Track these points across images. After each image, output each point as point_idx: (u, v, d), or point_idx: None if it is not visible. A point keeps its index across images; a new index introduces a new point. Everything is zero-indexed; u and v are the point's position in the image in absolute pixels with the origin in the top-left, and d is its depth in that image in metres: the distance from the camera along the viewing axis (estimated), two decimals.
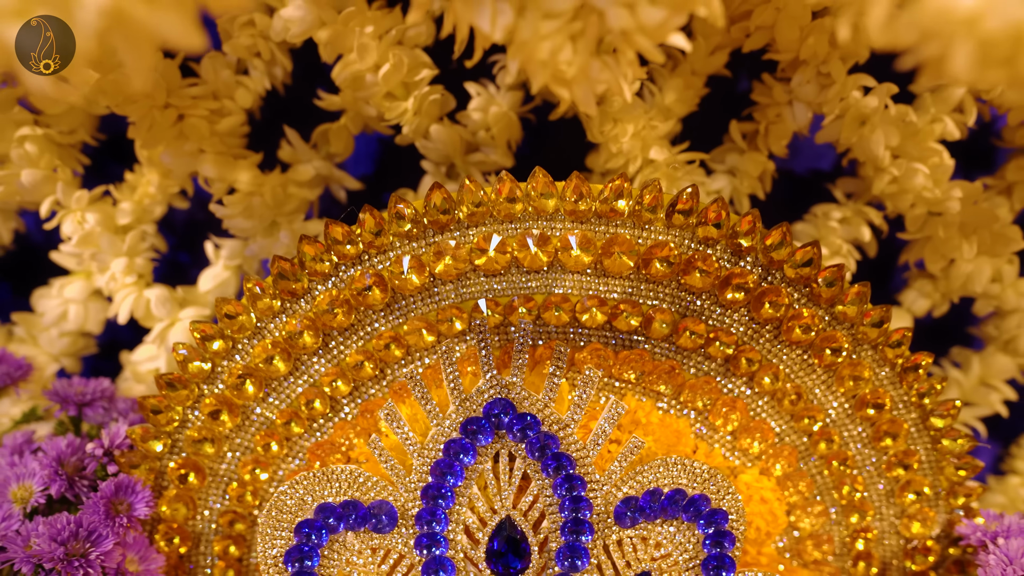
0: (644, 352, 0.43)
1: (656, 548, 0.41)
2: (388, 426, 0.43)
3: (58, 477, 0.44)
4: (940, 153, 0.49)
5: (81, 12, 0.19)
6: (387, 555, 0.41)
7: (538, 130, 0.55)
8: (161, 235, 0.54)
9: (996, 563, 0.42)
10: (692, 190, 0.41)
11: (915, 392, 0.45)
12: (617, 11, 0.28)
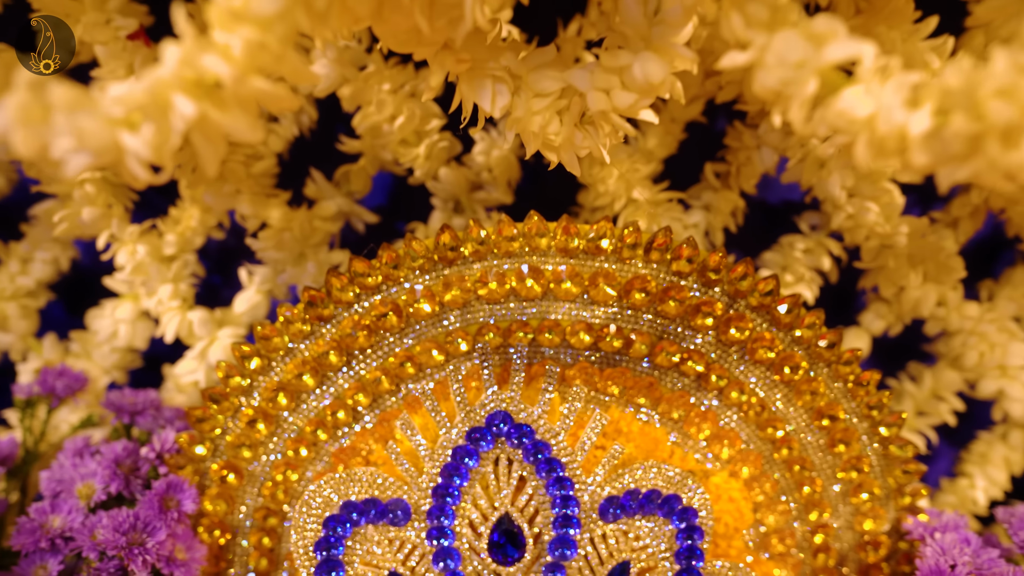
0: (626, 370, 0.48)
1: (635, 540, 0.45)
2: (403, 434, 0.47)
3: (116, 476, 0.48)
4: (891, 192, 0.53)
5: (174, 118, 0.25)
6: (402, 545, 0.45)
7: (535, 170, 0.59)
8: (200, 262, 0.59)
9: (932, 555, 0.46)
10: (666, 230, 0.45)
11: (865, 404, 0.49)
12: (595, 95, 0.32)
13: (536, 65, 0.33)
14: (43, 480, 0.49)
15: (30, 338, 0.58)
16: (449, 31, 0.30)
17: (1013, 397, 0.56)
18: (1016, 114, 0.24)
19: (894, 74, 0.26)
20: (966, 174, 0.26)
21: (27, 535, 0.46)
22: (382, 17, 0.29)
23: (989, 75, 0.24)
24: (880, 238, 0.53)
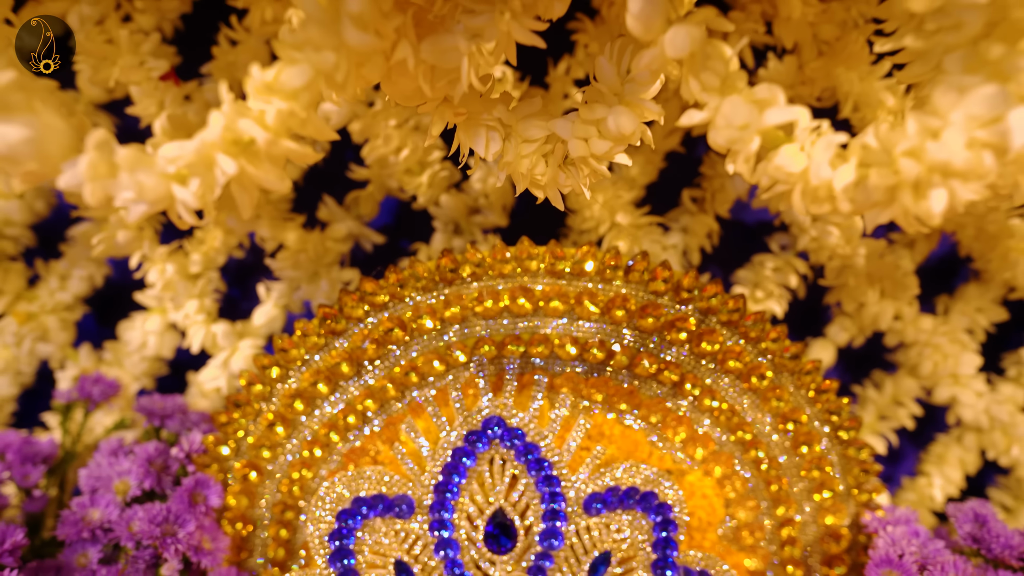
0: (608, 379, 0.51)
1: (616, 532, 0.49)
2: (407, 436, 0.51)
3: (149, 474, 0.52)
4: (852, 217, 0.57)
5: (217, 173, 0.29)
6: (407, 536, 0.49)
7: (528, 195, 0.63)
8: (222, 278, 0.63)
9: (883, 545, 0.50)
10: (643, 254, 0.49)
11: (825, 410, 0.53)
12: (575, 142, 0.36)
13: (524, 115, 0.37)
14: (82, 477, 0.53)
15: (68, 348, 0.61)
16: (448, 89, 0.34)
17: (965, 403, 0.60)
18: (923, 170, 0.28)
19: (824, 135, 0.30)
20: (887, 218, 0.30)
21: (70, 526, 0.50)
22: (390, 81, 0.33)
23: (901, 137, 0.28)
24: (841, 258, 0.57)
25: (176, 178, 0.28)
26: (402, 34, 0.31)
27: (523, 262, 0.49)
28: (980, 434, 0.62)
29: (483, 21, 0.32)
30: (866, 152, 0.29)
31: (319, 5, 0.28)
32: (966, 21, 0.29)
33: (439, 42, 0.31)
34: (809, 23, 0.54)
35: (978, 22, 0.29)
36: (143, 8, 0.54)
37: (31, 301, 0.59)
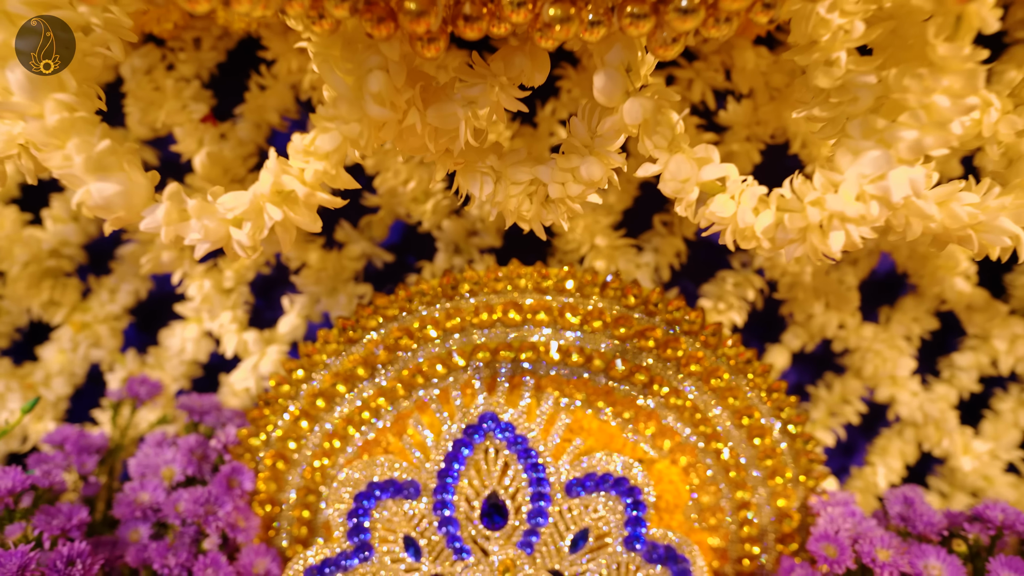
0: (587, 380, 0.57)
1: (593, 512, 0.54)
2: (414, 429, 0.56)
3: (191, 462, 0.58)
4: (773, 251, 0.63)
5: (266, 219, 0.35)
6: (414, 515, 0.54)
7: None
8: (250, 291, 0.68)
9: (823, 523, 0.56)
10: (616, 273, 0.55)
11: (776, 407, 0.59)
12: (555, 186, 0.42)
13: (512, 163, 0.43)
14: (131, 465, 0.58)
15: (116, 353, 0.66)
16: (448, 144, 0.40)
17: (902, 401, 0.66)
18: (825, 217, 0.34)
19: (750, 187, 0.36)
20: (800, 253, 0.36)
21: (124, 507, 0.55)
22: (401, 139, 0.39)
23: (810, 189, 0.35)
24: (791, 275, 0.63)
25: (233, 223, 0.34)
26: (411, 104, 0.37)
27: (513, 280, 0.55)
28: (917, 428, 0.67)
29: (477, 91, 0.37)
30: (782, 201, 0.35)
31: (346, 85, 0.35)
32: (860, 97, 0.35)
33: (441, 109, 0.37)
34: (762, 72, 0.60)
35: (869, 98, 0.35)
36: (185, 59, 0.60)
37: (85, 312, 0.65)
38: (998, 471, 0.67)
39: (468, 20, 0.33)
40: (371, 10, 0.31)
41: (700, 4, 0.31)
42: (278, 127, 0.62)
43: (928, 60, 0.33)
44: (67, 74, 0.33)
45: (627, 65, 0.36)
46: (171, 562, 0.53)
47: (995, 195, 0.36)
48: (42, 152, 0.33)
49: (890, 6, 0.34)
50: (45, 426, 0.65)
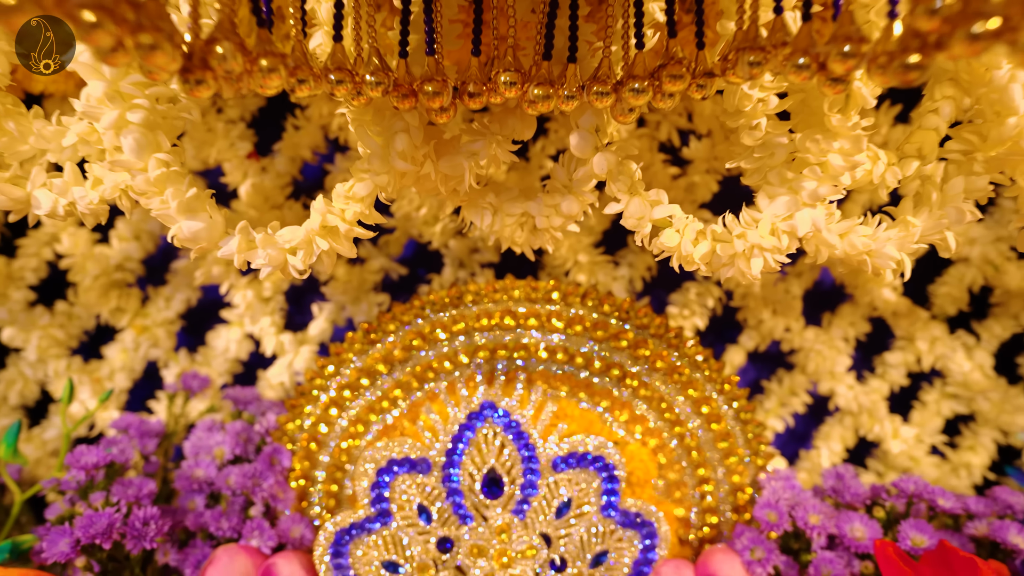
0: (571, 375, 0.65)
1: (575, 485, 0.61)
2: (426, 416, 0.64)
3: (238, 444, 0.65)
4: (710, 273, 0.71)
5: (315, 249, 0.43)
6: (425, 487, 0.61)
7: None
8: (285, 299, 0.76)
9: (767, 494, 0.64)
10: (594, 286, 0.64)
11: (729, 398, 0.67)
12: (541, 218, 0.50)
13: (507, 199, 0.51)
14: (186, 446, 0.66)
15: (170, 352, 0.74)
16: (456, 187, 0.48)
17: (841, 394, 0.74)
18: (748, 247, 0.42)
19: (691, 223, 0.44)
20: (730, 274, 0.44)
21: (183, 481, 0.63)
22: (419, 184, 0.47)
23: (736, 225, 0.43)
24: (744, 287, 0.71)
25: (290, 251, 0.42)
26: (427, 157, 0.44)
27: (508, 292, 0.63)
28: (854, 417, 0.75)
29: (479, 146, 0.45)
30: (715, 234, 0.44)
31: (377, 144, 0.43)
32: (776, 154, 0.43)
33: (450, 160, 0.45)
34: (717, 116, 0.68)
35: (783, 155, 0.43)
36: (232, 104, 0.68)
37: (144, 317, 0.73)
38: (923, 453, 0.75)
39: (472, 96, 0.41)
40: (398, 90, 0.39)
41: (648, 86, 0.39)
42: (309, 161, 0.70)
43: (825, 127, 0.41)
44: (162, 136, 0.41)
45: (596, 127, 0.44)
46: (224, 526, 0.61)
47: (883, 229, 0.44)
48: (144, 197, 0.42)
49: (800, 82, 0.43)
50: (110, 414, 0.73)
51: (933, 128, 0.44)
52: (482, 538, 0.61)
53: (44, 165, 0.45)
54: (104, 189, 0.43)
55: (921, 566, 0.56)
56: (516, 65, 0.39)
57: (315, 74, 0.36)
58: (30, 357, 0.72)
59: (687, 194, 0.69)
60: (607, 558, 0.62)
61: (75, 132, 0.43)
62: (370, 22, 0.38)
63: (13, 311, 0.71)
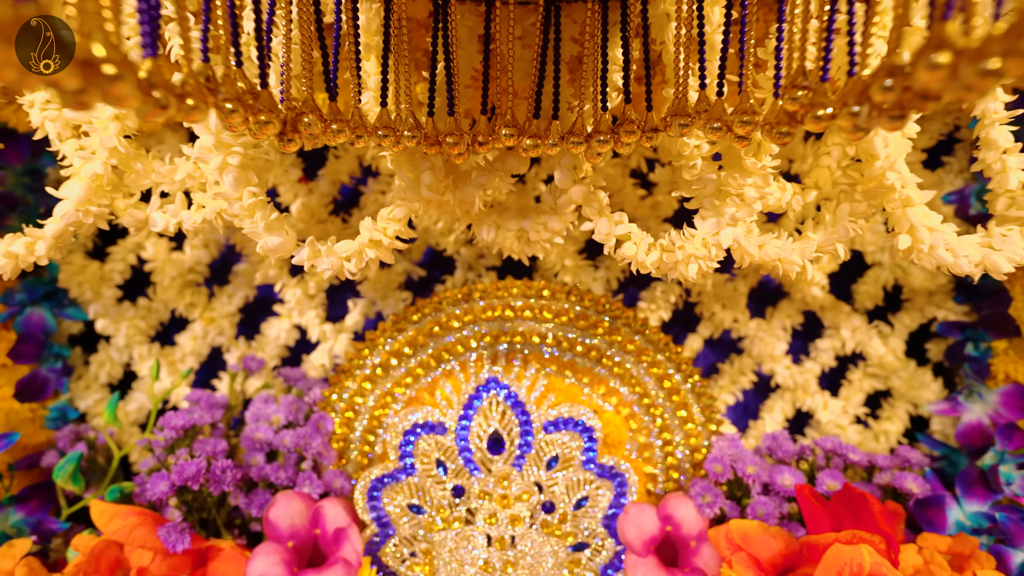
0: (558, 356, 0.76)
1: (561, 444, 0.72)
2: (443, 389, 0.75)
3: (291, 413, 0.77)
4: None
5: (365, 257, 0.54)
6: (442, 445, 0.72)
7: None
8: (326, 296, 0.87)
9: (715, 451, 0.75)
10: (576, 285, 0.75)
11: (686, 376, 0.78)
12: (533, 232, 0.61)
13: (507, 217, 0.62)
14: (248, 415, 0.76)
15: (232, 339, 0.84)
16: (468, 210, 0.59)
17: (780, 373, 0.85)
18: (686, 255, 0.53)
19: (644, 237, 0.55)
20: (675, 276, 0.55)
21: (247, 441, 0.74)
22: (440, 208, 0.58)
23: (679, 239, 0.54)
24: (699, 286, 0.82)
25: (346, 259, 0.53)
26: (447, 188, 0.56)
27: (508, 290, 0.74)
28: (791, 392, 0.86)
29: (485, 179, 0.56)
30: (663, 246, 0.55)
31: (410, 179, 0.54)
32: (707, 187, 0.54)
33: (464, 190, 0.56)
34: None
35: (712, 187, 0.54)
36: None
37: (211, 311, 0.84)
38: (848, 422, 0.86)
39: (481, 144, 0.52)
40: (427, 141, 0.50)
41: (610, 138, 0.50)
42: (347, 183, 0.81)
43: (743, 167, 0.52)
44: (252, 173, 0.52)
45: (574, 166, 0.55)
46: (281, 476, 0.72)
47: (790, 241, 0.56)
48: (237, 219, 0.53)
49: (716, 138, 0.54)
50: (182, 390, 0.84)
51: (827, 167, 0.55)
52: (487, 485, 0.72)
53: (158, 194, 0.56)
54: (205, 212, 0.54)
55: (831, 504, 0.68)
56: (513, 121, 0.50)
57: (368, 131, 0.47)
58: (119, 343, 0.83)
59: (653, 211, 0.80)
60: (587, 502, 0.73)
61: (184, 170, 0.54)
62: (406, 91, 0.49)
63: (105, 306, 0.82)
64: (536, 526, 0.72)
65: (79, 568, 0.64)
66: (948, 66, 0.28)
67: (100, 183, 0.52)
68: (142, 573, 0.65)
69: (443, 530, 0.72)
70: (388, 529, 0.72)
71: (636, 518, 0.71)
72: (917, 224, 0.51)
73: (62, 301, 0.80)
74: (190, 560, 0.67)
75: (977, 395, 0.79)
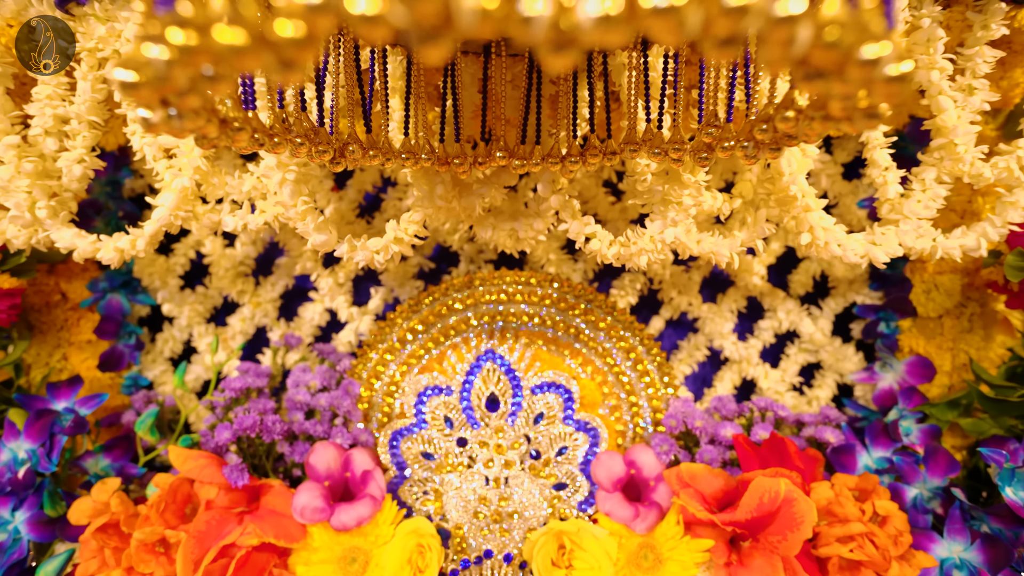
0: (543, 332, 0.88)
1: (545, 403, 0.85)
2: (449, 359, 0.87)
3: (325, 379, 0.88)
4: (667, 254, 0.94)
5: (391, 251, 0.65)
6: (449, 404, 0.85)
7: None
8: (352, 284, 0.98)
9: (671, 410, 0.87)
10: (557, 275, 0.86)
11: (649, 349, 0.90)
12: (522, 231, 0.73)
13: (502, 220, 0.74)
14: (289, 381, 0.88)
15: (274, 320, 0.94)
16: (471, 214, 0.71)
17: (728, 349, 0.96)
18: (638, 250, 0.65)
19: (606, 235, 0.67)
20: (632, 266, 0.67)
21: (289, 403, 0.86)
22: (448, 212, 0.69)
23: (632, 236, 0.66)
24: (660, 275, 0.94)
25: (376, 252, 0.65)
26: (454, 197, 0.67)
27: (502, 278, 0.86)
28: (738, 364, 0.98)
29: (484, 190, 0.68)
30: (621, 242, 0.66)
31: (425, 191, 0.65)
32: (655, 196, 0.66)
33: (467, 199, 0.68)
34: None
35: (659, 197, 0.65)
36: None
37: (257, 296, 0.95)
38: (786, 389, 0.97)
39: (480, 163, 0.63)
40: (439, 162, 0.62)
41: (579, 159, 0.62)
42: (370, 192, 0.93)
43: (682, 181, 0.64)
44: (303, 186, 0.64)
45: (552, 180, 0.67)
46: (318, 430, 0.84)
47: (721, 238, 0.67)
48: (292, 222, 0.64)
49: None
50: (233, 363, 0.95)
51: (749, 180, 0.67)
52: (485, 437, 0.84)
53: (228, 202, 0.67)
54: (266, 216, 0.66)
55: (760, 449, 0.79)
56: (506, 146, 0.61)
57: (395, 155, 0.59)
58: (181, 324, 0.94)
59: (621, 214, 0.91)
60: (567, 451, 0.85)
61: (249, 183, 0.66)
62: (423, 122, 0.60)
63: (170, 292, 0.93)
64: (525, 469, 0.84)
65: (160, 499, 0.76)
66: (793, 119, 0.40)
67: (186, 194, 0.64)
68: (209, 505, 0.77)
69: (449, 472, 0.84)
70: (405, 472, 0.84)
71: (607, 463, 0.83)
72: (815, 225, 0.63)
73: (135, 288, 0.92)
74: (246, 495, 0.79)
75: (889, 365, 0.91)
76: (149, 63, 0.23)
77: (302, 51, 0.19)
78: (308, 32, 0.18)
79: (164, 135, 0.62)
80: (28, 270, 0.78)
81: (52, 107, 0.61)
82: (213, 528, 0.73)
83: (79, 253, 0.64)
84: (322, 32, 0.18)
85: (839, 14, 0.22)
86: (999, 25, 0.59)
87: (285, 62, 0.19)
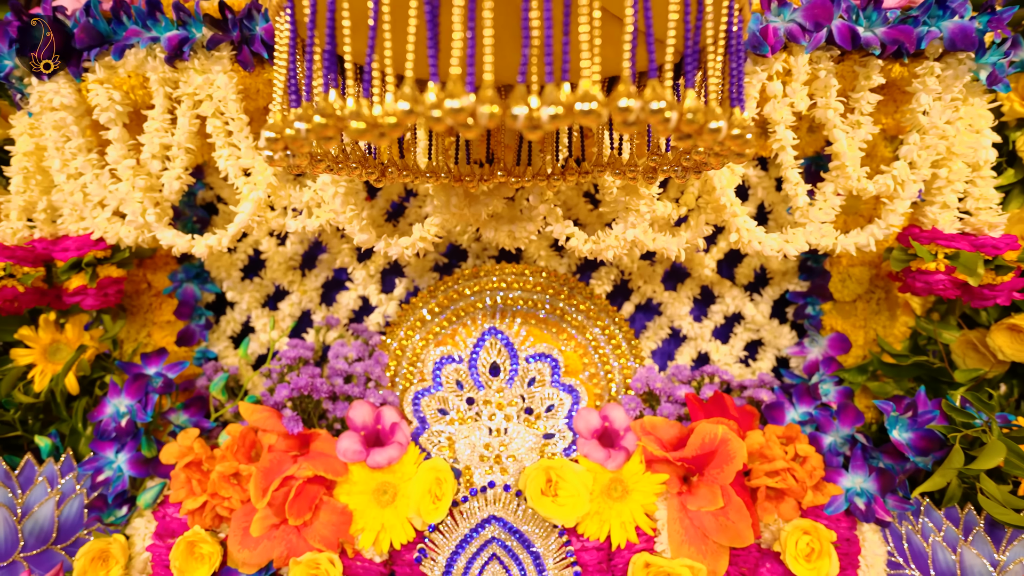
0: (535, 313, 1.02)
1: (537, 371, 1.00)
2: (460, 335, 1.01)
3: (360, 351, 1.02)
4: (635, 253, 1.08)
5: (417, 247, 0.80)
6: (459, 370, 0.99)
7: None
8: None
9: (636, 376, 1.01)
10: (547, 267, 1.01)
11: (620, 327, 1.04)
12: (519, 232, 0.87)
13: (502, 223, 0.88)
14: (330, 353, 1.02)
15: (317, 304, 1.08)
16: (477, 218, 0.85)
17: (686, 328, 1.10)
18: (605, 246, 0.79)
19: (581, 235, 0.81)
20: (607, 258, 0.81)
21: (331, 370, 1.00)
22: (459, 218, 0.84)
23: (602, 236, 0.80)
24: (630, 268, 1.08)
25: (405, 248, 0.79)
26: (465, 205, 0.81)
27: (503, 270, 1.00)
28: (694, 341, 1.12)
29: (489, 199, 0.82)
30: (594, 240, 0.81)
31: (443, 201, 0.79)
32: (619, 204, 0.80)
33: (475, 207, 0.82)
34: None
35: (621, 206, 0.79)
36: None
37: (303, 285, 1.09)
38: (734, 361, 1.11)
39: (485, 180, 0.78)
40: (453, 178, 0.76)
41: (560, 177, 0.76)
42: (396, 200, 1.07)
43: (638, 192, 0.78)
44: (351, 196, 0.78)
45: (541, 192, 0.81)
46: (354, 391, 0.98)
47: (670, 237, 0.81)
48: (341, 224, 0.78)
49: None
50: (284, 340, 1.09)
51: (691, 192, 0.81)
52: (489, 396, 0.98)
53: (290, 209, 0.81)
54: (320, 220, 0.80)
55: (706, 404, 0.94)
56: (505, 166, 0.76)
57: (422, 175, 0.73)
58: (241, 308, 1.08)
59: (598, 219, 1.05)
60: (554, 408, 0.99)
61: (308, 195, 0.80)
62: (442, 148, 0.74)
63: (233, 281, 1.07)
64: (520, 422, 0.98)
65: (231, 444, 0.90)
66: (705, 151, 0.54)
67: (260, 203, 0.78)
68: (270, 448, 0.91)
69: (460, 424, 0.98)
70: (424, 424, 0.98)
71: (586, 417, 0.97)
72: (740, 227, 0.77)
73: (205, 279, 1.06)
74: (299, 441, 0.93)
75: (815, 341, 1.05)
76: (294, 132, 0.37)
77: (395, 130, 0.33)
78: (399, 122, 0.32)
79: (244, 158, 0.77)
80: (128, 263, 0.92)
81: (158, 137, 0.75)
82: (275, 465, 0.88)
83: (177, 248, 0.78)
84: (410, 122, 0.32)
85: (694, 106, 0.36)
86: (877, 76, 0.73)
87: (383, 135, 0.33)
